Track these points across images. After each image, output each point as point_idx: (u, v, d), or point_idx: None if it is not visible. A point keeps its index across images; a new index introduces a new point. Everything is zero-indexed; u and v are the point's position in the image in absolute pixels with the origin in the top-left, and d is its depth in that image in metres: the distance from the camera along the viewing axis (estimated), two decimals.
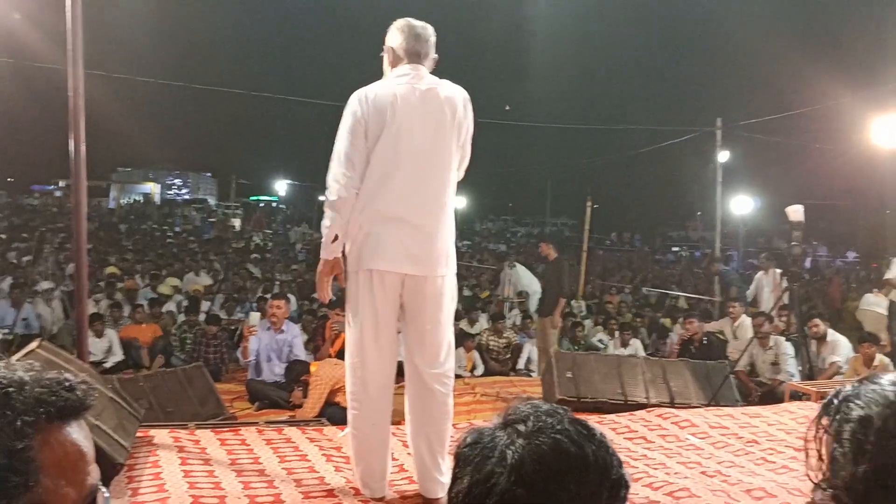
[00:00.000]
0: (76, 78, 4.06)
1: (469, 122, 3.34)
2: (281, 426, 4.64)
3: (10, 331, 9.65)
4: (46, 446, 0.89)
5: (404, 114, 3.19)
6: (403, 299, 3.28)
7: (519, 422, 0.97)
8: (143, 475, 3.49)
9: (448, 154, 3.27)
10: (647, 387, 6.72)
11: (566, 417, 0.98)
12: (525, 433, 0.94)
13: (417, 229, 3.21)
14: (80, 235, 4.06)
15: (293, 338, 7.61)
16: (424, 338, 3.29)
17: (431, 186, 3.25)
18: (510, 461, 0.91)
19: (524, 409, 0.99)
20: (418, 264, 3.22)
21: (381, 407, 3.36)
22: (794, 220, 7.26)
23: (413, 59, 3.29)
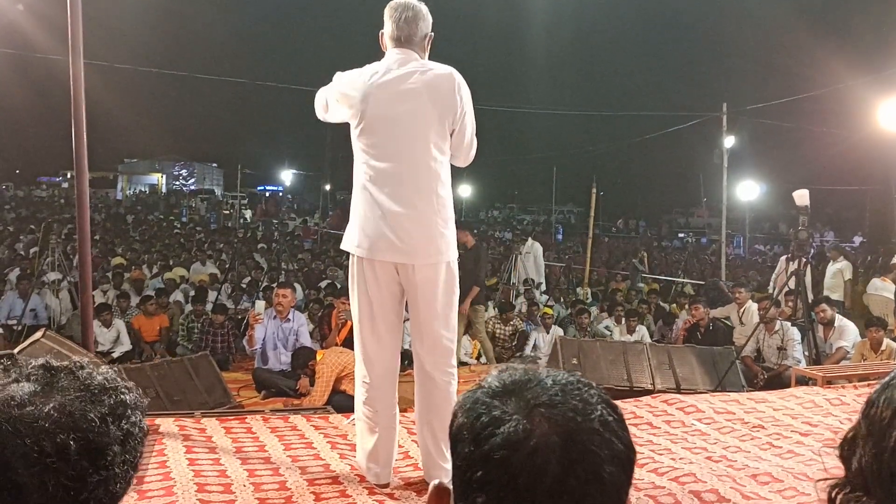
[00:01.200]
0: (76, 68, 4.06)
1: (461, 103, 3.21)
2: (287, 414, 4.65)
3: (19, 321, 9.71)
4: None
5: (381, 98, 3.15)
6: (403, 285, 3.28)
7: (543, 405, 0.85)
8: (149, 463, 3.50)
9: (429, 137, 3.17)
10: (653, 373, 6.73)
11: (599, 404, 0.87)
12: (551, 418, 0.84)
13: (402, 217, 3.16)
14: (84, 224, 4.07)
15: (299, 326, 7.63)
16: (422, 326, 3.29)
17: (416, 172, 3.18)
18: (543, 466, 0.82)
19: (551, 386, 0.88)
20: (405, 253, 3.18)
21: (386, 393, 3.37)
22: (800, 205, 7.23)
23: (400, 44, 3.23)
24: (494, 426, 0.86)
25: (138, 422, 0.95)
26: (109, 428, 0.89)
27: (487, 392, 0.90)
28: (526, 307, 11.08)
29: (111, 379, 0.95)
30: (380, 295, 3.25)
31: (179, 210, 36.84)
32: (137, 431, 0.94)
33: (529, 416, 0.85)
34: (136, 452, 0.94)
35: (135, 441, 0.93)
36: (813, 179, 19.25)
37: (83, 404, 0.88)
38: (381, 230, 3.17)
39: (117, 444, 0.90)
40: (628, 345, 7.42)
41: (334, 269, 14.85)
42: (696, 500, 3.33)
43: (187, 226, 27.81)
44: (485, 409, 0.88)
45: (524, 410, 0.86)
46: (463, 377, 7.50)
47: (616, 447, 0.85)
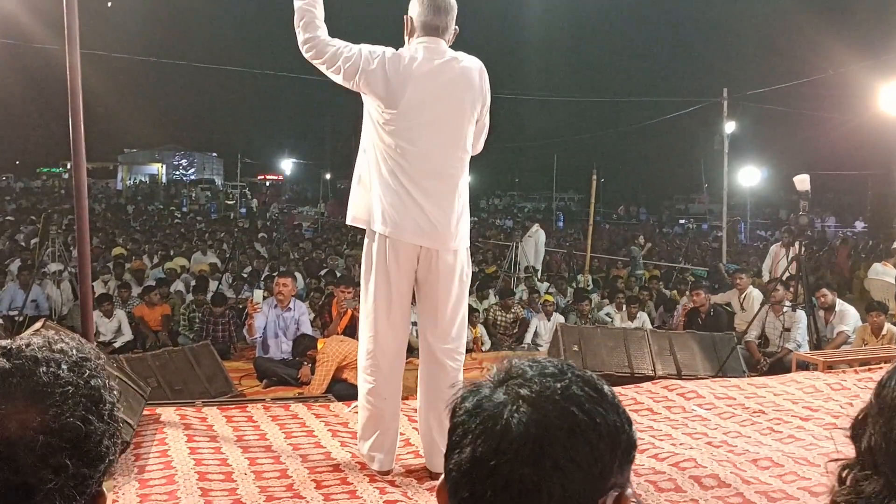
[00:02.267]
0: (73, 58, 4.04)
1: (486, 95, 3.32)
2: (287, 402, 4.66)
3: (20, 312, 9.72)
4: None
5: (421, 86, 3.16)
6: (418, 274, 3.28)
7: (522, 385, 0.89)
8: (150, 452, 3.52)
9: (464, 127, 3.25)
10: (654, 359, 6.73)
11: (574, 380, 0.90)
12: (530, 399, 0.87)
13: (432, 202, 3.19)
14: (83, 215, 4.06)
15: (300, 315, 7.63)
16: (437, 313, 3.29)
17: (447, 159, 3.23)
18: (516, 436, 0.85)
19: (528, 370, 0.92)
20: (432, 237, 3.20)
21: (393, 380, 3.38)
22: (800, 190, 7.22)
23: (430, 32, 3.23)
24: (471, 397, 0.94)
25: (114, 401, 0.91)
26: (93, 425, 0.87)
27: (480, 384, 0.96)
28: (527, 295, 11.08)
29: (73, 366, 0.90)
30: (399, 280, 3.24)
31: (180, 200, 36.81)
32: (113, 410, 0.91)
33: (504, 387, 0.91)
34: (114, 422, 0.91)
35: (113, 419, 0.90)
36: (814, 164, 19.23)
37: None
38: (410, 213, 3.17)
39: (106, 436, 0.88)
40: (629, 331, 7.42)
41: (335, 258, 14.85)
42: (696, 485, 3.34)
43: (188, 215, 27.80)
44: (469, 392, 0.96)
45: (500, 384, 0.92)
46: (465, 365, 7.53)
47: (589, 422, 0.87)
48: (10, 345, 0.89)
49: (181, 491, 3.07)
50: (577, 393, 0.89)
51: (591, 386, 0.91)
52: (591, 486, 0.86)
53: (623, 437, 0.89)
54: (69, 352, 0.90)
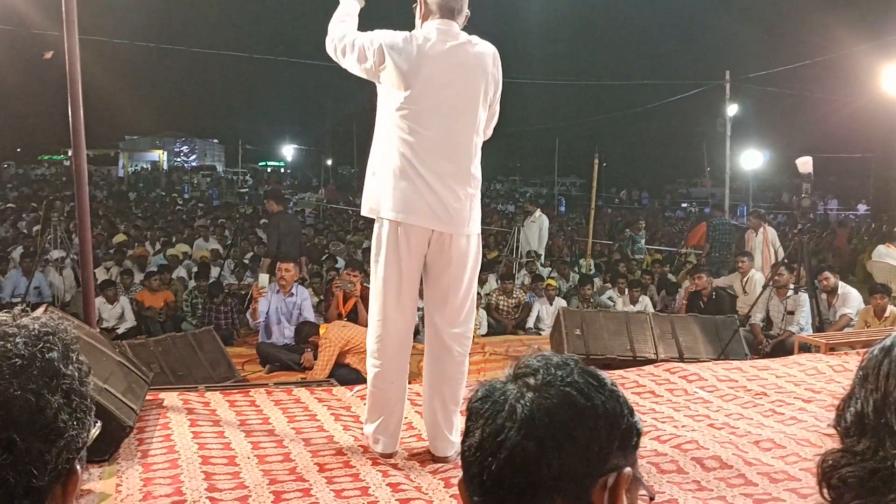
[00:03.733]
0: (72, 44, 4.03)
1: (498, 80, 3.31)
2: (290, 387, 4.67)
3: (23, 299, 9.73)
4: None
5: (435, 69, 3.15)
6: (427, 258, 3.27)
7: (529, 375, 0.97)
8: (154, 437, 3.53)
9: (475, 112, 3.23)
10: (656, 342, 6.73)
11: (576, 369, 0.97)
12: (534, 386, 0.95)
13: (445, 186, 3.18)
14: (83, 202, 4.06)
15: (303, 301, 7.64)
16: (447, 297, 3.29)
17: (460, 143, 3.22)
18: (520, 415, 0.92)
19: (534, 362, 0.99)
20: (445, 222, 3.20)
21: (400, 364, 3.38)
22: (803, 173, 7.20)
23: (446, 14, 3.22)
24: (484, 388, 1.01)
25: (75, 377, 0.88)
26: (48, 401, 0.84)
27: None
28: (529, 279, 11.07)
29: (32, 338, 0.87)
30: (409, 265, 3.23)
31: (181, 187, 36.78)
32: (77, 385, 0.88)
33: (515, 380, 0.98)
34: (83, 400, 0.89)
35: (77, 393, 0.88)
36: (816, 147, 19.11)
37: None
38: (422, 197, 3.16)
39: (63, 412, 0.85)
40: (631, 315, 7.42)
41: (336, 244, 14.84)
42: (698, 466, 3.35)
43: (189, 202, 27.78)
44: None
45: (512, 379, 0.99)
46: None
47: (588, 404, 0.94)
48: None
49: (184, 475, 3.08)
50: (578, 380, 0.96)
51: (591, 375, 0.98)
52: (589, 464, 0.92)
53: (622, 422, 0.95)
54: (30, 326, 0.88)
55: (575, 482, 0.91)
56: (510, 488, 0.92)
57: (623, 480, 0.93)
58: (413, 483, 3.10)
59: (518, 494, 0.92)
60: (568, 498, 0.91)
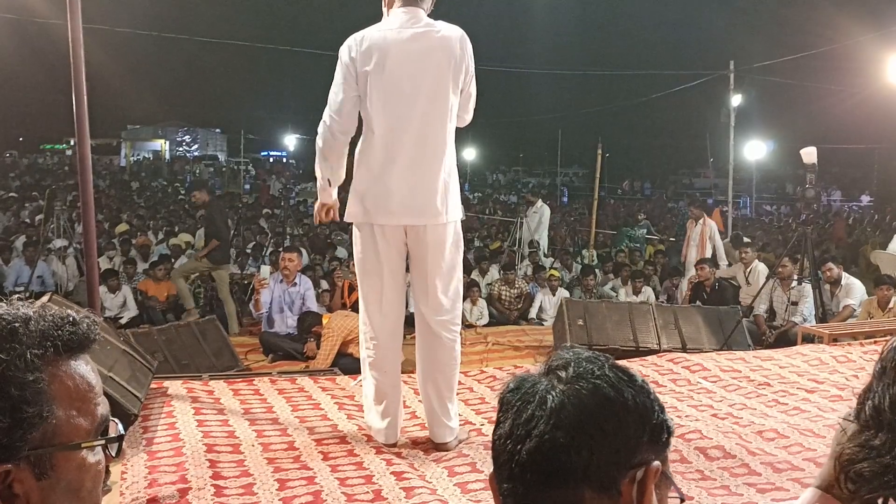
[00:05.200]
0: (75, 32, 4.02)
1: (468, 63, 3.25)
2: (294, 376, 4.68)
3: (26, 288, 9.74)
4: (56, 379, 0.90)
5: (396, 59, 3.12)
6: (408, 246, 3.28)
7: (560, 368, 0.98)
8: (158, 425, 3.54)
9: (444, 99, 3.19)
10: (659, 333, 6.73)
11: (606, 364, 0.98)
12: (565, 379, 0.96)
13: (415, 177, 3.18)
14: (87, 191, 4.06)
15: (306, 290, 7.64)
16: (428, 286, 3.30)
17: (428, 133, 3.19)
18: (550, 405, 0.93)
19: (565, 355, 1.00)
20: (417, 214, 3.20)
21: (392, 354, 3.40)
22: (807, 163, 7.17)
23: (409, 2, 3.21)
24: (516, 381, 1.01)
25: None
26: None
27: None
28: (531, 270, 11.07)
29: None
30: (389, 257, 3.25)
31: (184, 176, 36.74)
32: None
33: (547, 374, 0.99)
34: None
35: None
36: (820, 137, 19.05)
37: None
38: (393, 194, 3.16)
39: None
40: (634, 305, 7.41)
41: (339, 234, 14.84)
42: (701, 456, 3.35)
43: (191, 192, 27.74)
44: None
45: (545, 374, 1.00)
46: (469, 339, 7.55)
47: (618, 397, 0.94)
48: None
49: (189, 462, 3.09)
50: (609, 374, 0.96)
51: (622, 370, 0.98)
52: (618, 456, 0.92)
53: (652, 417, 0.96)
54: None
55: (603, 473, 0.92)
56: (538, 475, 0.93)
57: (651, 474, 0.93)
58: (417, 471, 3.11)
59: (545, 481, 0.93)
60: (596, 489, 0.92)
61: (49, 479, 0.88)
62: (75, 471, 0.90)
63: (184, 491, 2.85)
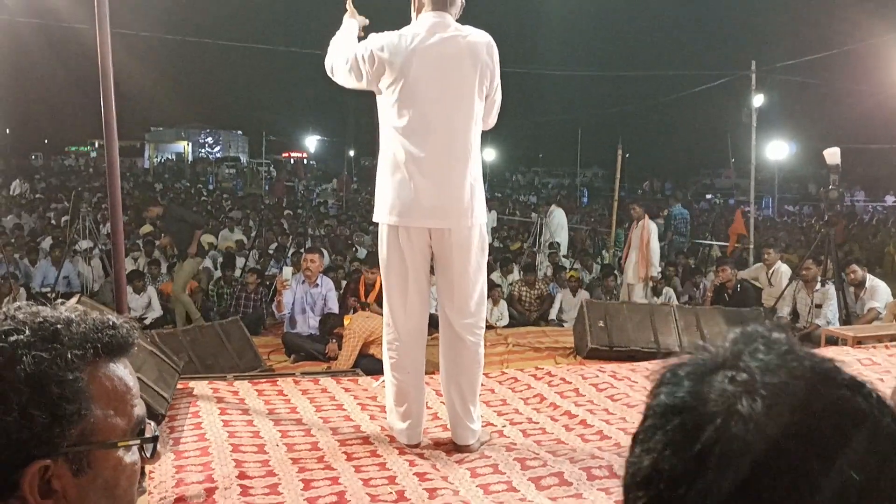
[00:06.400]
0: (103, 36, 4.09)
1: (495, 69, 3.30)
2: (317, 377, 4.73)
3: (52, 289, 9.89)
4: (95, 379, 0.94)
5: (425, 63, 3.16)
6: (433, 249, 3.31)
7: (744, 370, 0.63)
8: (185, 425, 3.59)
9: (471, 103, 3.23)
10: (681, 334, 6.70)
11: (813, 357, 0.67)
12: (761, 390, 0.60)
13: (441, 181, 3.21)
14: (115, 192, 4.13)
15: (327, 291, 7.70)
16: (453, 288, 3.32)
17: (455, 137, 3.23)
18: (752, 439, 0.58)
19: (754, 349, 0.65)
20: (443, 217, 3.23)
21: (416, 355, 3.42)
22: (831, 164, 7.12)
23: (438, 6, 3.24)
24: (669, 385, 0.67)
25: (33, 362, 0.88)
26: None
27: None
28: (551, 270, 11.07)
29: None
30: (414, 259, 3.28)
31: (206, 178, 37.06)
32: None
33: (719, 373, 0.65)
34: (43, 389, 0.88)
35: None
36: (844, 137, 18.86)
37: None
38: (418, 196, 3.19)
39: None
40: (655, 307, 7.40)
41: (360, 235, 14.91)
42: None
43: (213, 193, 27.99)
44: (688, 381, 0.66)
45: (714, 370, 0.66)
46: (490, 340, 7.56)
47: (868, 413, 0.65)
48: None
49: (215, 462, 3.14)
50: (829, 368, 0.66)
51: (846, 376, 0.69)
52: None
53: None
54: (14, 313, 0.93)
55: None
56: None
57: None
58: (440, 472, 3.14)
59: None
60: None
61: (86, 477, 0.91)
62: (111, 469, 0.93)
63: (210, 490, 2.90)
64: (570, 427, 3.81)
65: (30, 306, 0.96)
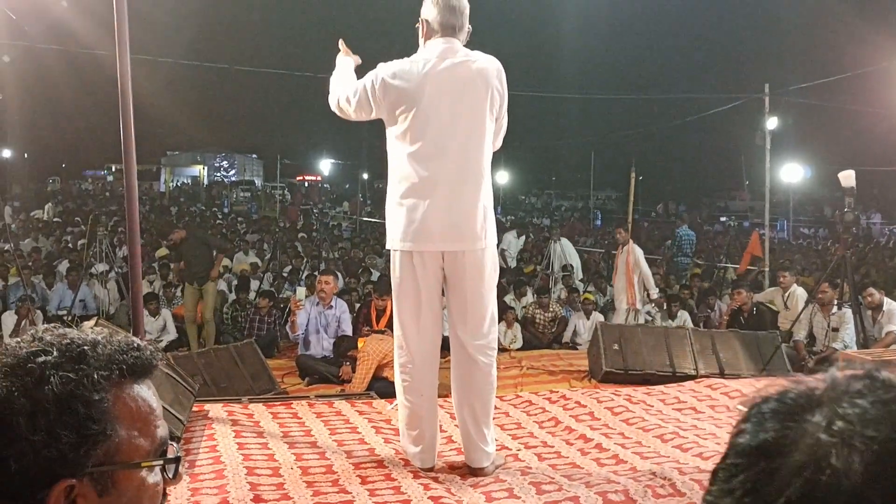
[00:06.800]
0: (123, 63, 4.14)
1: (504, 93, 3.35)
2: (331, 399, 4.73)
3: (69, 312, 9.96)
4: (120, 400, 0.95)
5: (436, 88, 3.19)
6: (445, 271, 3.32)
7: (843, 420, 0.56)
8: (200, 447, 3.60)
9: (482, 127, 3.27)
10: (696, 358, 6.66)
11: None
12: (866, 454, 0.54)
13: (454, 204, 3.23)
14: (133, 216, 4.16)
15: (341, 313, 7.72)
16: (466, 310, 3.33)
17: (467, 160, 3.26)
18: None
19: (856, 392, 0.58)
20: (456, 240, 3.25)
21: (429, 378, 3.42)
22: (846, 187, 7.09)
23: (447, 32, 3.29)
24: (756, 421, 0.64)
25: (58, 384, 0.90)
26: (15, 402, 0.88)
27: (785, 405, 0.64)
28: (565, 293, 11.04)
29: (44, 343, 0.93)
30: (427, 283, 3.29)
31: (221, 201, 37.32)
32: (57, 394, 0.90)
33: (817, 411, 0.60)
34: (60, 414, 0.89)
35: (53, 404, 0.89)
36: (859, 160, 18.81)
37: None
38: (432, 220, 3.21)
39: (23, 415, 0.88)
40: (670, 330, 7.36)
41: (373, 258, 14.94)
42: None
43: (228, 216, 28.17)
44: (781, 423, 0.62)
45: (807, 408, 0.61)
46: (503, 363, 7.54)
47: None
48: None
49: (230, 485, 3.14)
50: None
51: None
52: None
53: None
54: (45, 336, 0.95)
55: None
56: None
57: None
58: (454, 497, 3.12)
59: None
60: None
61: (110, 496, 0.92)
62: (135, 489, 0.95)
63: None
64: (585, 451, 3.79)
65: (57, 328, 0.98)
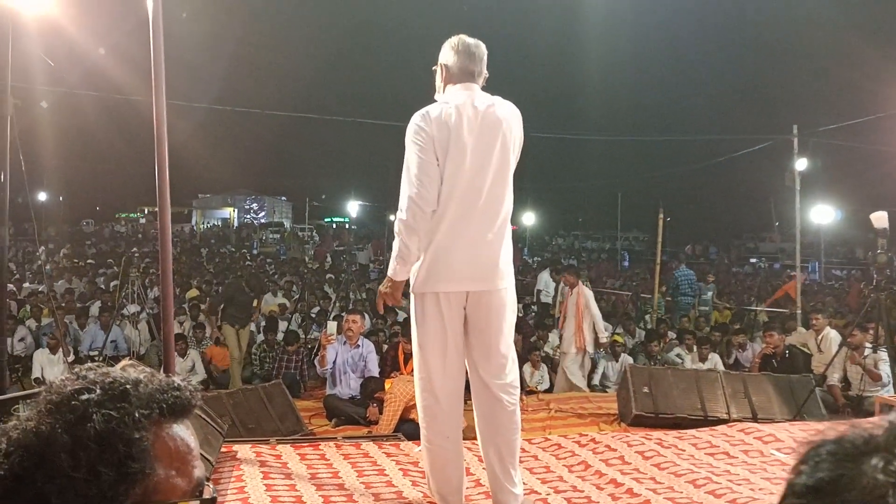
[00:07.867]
0: (159, 108, 4.25)
1: (521, 137, 3.44)
2: (359, 441, 4.71)
3: (100, 352, 10.08)
4: (159, 439, 0.96)
5: (465, 133, 3.25)
6: (467, 312, 3.32)
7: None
8: (228, 489, 3.60)
9: (507, 170, 3.34)
10: (728, 402, 6.55)
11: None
12: None
13: (480, 245, 3.27)
14: (166, 258, 4.23)
15: (368, 353, 7.73)
16: (490, 350, 3.33)
17: (494, 204, 3.30)
18: None
19: None
20: (481, 280, 3.28)
21: (454, 419, 3.40)
22: (878, 228, 7.01)
23: (467, 78, 3.35)
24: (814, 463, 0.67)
25: (99, 422, 0.91)
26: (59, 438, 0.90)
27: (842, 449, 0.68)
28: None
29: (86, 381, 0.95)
30: (452, 323, 3.30)
31: (251, 243, 37.73)
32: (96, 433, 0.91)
33: (877, 456, 0.65)
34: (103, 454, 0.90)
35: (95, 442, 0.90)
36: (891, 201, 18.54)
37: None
38: (458, 261, 3.24)
39: (65, 451, 0.89)
40: (701, 373, 7.25)
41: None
42: None
43: (258, 258, 28.44)
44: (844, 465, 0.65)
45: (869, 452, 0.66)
46: (531, 405, 7.47)
47: None
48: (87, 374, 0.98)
49: None
50: None
51: None
52: None
53: None
54: (88, 374, 0.97)
55: None
56: None
57: None
58: None
59: None
60: None
61: None
62: None
63: None
64: (616, 496, 3.73)
65: (100, 366, 1.00)
